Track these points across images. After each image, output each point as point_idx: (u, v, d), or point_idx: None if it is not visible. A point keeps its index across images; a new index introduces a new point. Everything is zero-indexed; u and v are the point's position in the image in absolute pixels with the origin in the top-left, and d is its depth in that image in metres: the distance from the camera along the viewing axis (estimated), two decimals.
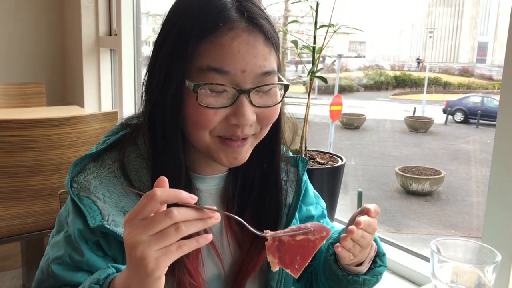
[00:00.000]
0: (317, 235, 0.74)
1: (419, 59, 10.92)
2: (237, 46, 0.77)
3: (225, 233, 0.93)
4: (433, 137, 8.91)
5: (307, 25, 2.23)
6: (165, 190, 0.63)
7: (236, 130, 0.80)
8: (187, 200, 0.63)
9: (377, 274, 0.94)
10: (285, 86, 0.85)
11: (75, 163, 0.84)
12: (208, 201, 0.92)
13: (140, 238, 0.62)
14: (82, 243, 0.81)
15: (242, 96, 0.78)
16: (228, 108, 0.79)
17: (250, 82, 0.79)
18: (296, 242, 0.74)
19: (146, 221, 0.63)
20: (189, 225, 0.63)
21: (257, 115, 0.81)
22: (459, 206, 6.83)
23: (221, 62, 0.77)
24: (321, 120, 7.14)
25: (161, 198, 0.62)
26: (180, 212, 0.63)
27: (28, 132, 1.84)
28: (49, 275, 0.83)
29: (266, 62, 0.80)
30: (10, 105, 3.14)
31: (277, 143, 0.93)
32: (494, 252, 0.84)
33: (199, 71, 0.78)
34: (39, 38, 3.77)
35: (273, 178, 0.94)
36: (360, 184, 7.42)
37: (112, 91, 3.62)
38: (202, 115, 0.78)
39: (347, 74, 10.63)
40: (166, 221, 0.62)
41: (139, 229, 0.62)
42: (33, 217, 1.96)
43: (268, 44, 0.81)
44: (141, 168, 0.86)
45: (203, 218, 0.65)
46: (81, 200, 0.80)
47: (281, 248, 0.74)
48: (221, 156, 0.83)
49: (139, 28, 3.32)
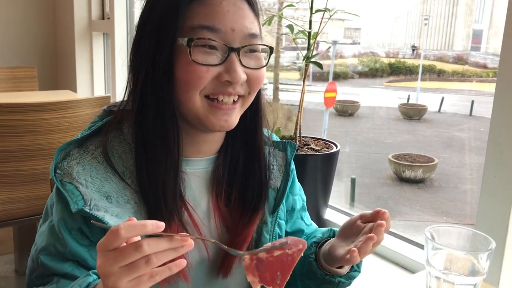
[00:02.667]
0: (294, 248, 0.74)
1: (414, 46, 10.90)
2: (226, 6, 0.81)
3: (213, 216, 0.93)
4: (426, 125, 8.93)
5: (302, 11, 2.21)
6: (130, 226, 0.62)
7: (227, 87, 0.82)
8: (154, 231, 0.62)
9: (351, 278, 0.97)
10: (270, 49, 0.88)
11: (60, 149, 0.85)
12: (195, 184, 0.92)
13: (111, 269, 0.62)
14: (65, 233, 0.81)
15: (232, 54, 0.81)
16: (219, 66, 0.81)
17: (239, 41, 0.82)
18: (274, 258, 0.74)
19: (116, 253, 0.62)
20: (160, 256, 0.63)
21: (247, 75, 0.84)
22: (451, 193, 6.87)
23: (212, 20, 0.80)
24: (315, 107, 7.13)
25: (125, 235, 0.61)
26: (150, 244, 0.62)
27: (19, 117, 1.82)
28: (39, 265, 0.84)
29: (253, 25, 0.84)
30: (1, 89, 3.10)
31: (259, 123, 0.95)
32: (488, 239, 0.84)
33: (191, 30, 0.81)
34: (31, 21, 3.72)
35: (257, 159, 0.95)
36: (354, 171, 7.44)
37: (105, 75, 3.59)
38: (195, 72, 0.80)
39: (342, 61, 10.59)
40: (136, 255, 0.61)
41: (110, 260, 0.62)
42: (25, 202, 1.95)
43: (252, 10, 0.85)
44: (124, 152, 0.86)
45: (175, 248, 0.64)
46: (63, 186, 0.80)
47: (260, 266, 0.73)
48: (212, 119, 0.84)
49: (133, 12, 3.28)
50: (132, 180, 0.84)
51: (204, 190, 0.93)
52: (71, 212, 0.79)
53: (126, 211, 0.81)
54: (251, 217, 0.93)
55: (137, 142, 0.86)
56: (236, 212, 0.94)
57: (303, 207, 1.10)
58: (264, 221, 0.96)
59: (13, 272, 2.53)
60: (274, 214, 0.97)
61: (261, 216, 0.96)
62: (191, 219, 0.89)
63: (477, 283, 0.82)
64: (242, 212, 0.93)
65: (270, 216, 0.97)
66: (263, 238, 0.96)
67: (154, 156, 0.84)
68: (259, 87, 0.88)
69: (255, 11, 0.86)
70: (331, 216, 2.00)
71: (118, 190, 0.83)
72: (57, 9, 3.74)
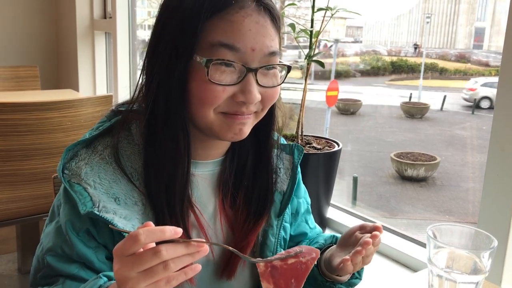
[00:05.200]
0: (308, 256, 0.76)
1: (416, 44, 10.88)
2: (248, 24, 0.78)
3: (219, 218, 0.93)
4: (428, 123, 8.92)
5: (304, 9, 2.21)
6: (149, 232, 0.62)
7: (241, 107, 0.81)
8: (172, 237, 0.63)
9: (352, 285, 0.98)
10: (287, 68, 0.87)
11: (68, 149, 0.84)
12: (203, 186, 0.92)
13: (129, 274, 0.63)
14: (72, 235, 0.81)
15: (249, 74, 0.80)
16: (235, 86, 0.80)
17: (257, 61, 0.80)
18: (289, 266, 0.75)
19: (134, 258, 0.63)
20: (177, 262, 0.64)
21: (261, 94, 0.82)
22: (453, 192, 6.86)
23: (232, 38, 0.78)
24: (317, 105, 7.13)
25: (145, 241, 0.62)
26: (169, 250, 0.63)
27: (21, 116, 1.83)
28: (44, 265, 0.83)
29: (273, 43, 0.82)
30: (4, 88, 3.11)
31: (271, 128, 0.95)
32: (490, 237, 0.83)
33: (209, 47, 0.78)
34: (33, 21, 3.72)
35: (265, 163, 0.95)
36: (356, 169, 7.43)
37: (107, 74, 3.59)
38: (210, 91, 0.79)
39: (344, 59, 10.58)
40: (154, 260, 0.62)
41: (128, 266, 0.63)
42: (28, 201, 1.96)
43: (274, 26, 0.83)
44: (133, 153, 0.86)
45: (191, 253, 0.65)
46: (72, 187, 0.80)
47: (275, 273, 0.75)
48: (226, 130, 0.83)
49: (134, 11, 3.28)
50: (140, 182, 0.84)
51: (211, 192, 0.93)
52: (79, 214, 0.78)
53: (134, 213, 0.81)
54: (257, 220, 0.93)
55: (146, 145, 0.85)
56: (241, 215, 0.94)
57: (308, 210, 1.10)
58: (270, 224, 0.96)
59: (16, 270, 2.53)
60: (280, 218, 0.97)
61: (266, 219, 0.96)
62: (197, 221, 0.88)
63: (479, 281, 0.82)
64: (248, 215, 0.93)
65: (275, 219, 0.97)
66: (268, 241, 0.96)
67: (164, 160, 0.83)
68: (272, 103, 0.87)
69: (277, 27, 0.84)
70: (333, 215, 2.00)
71: (126, 191, 0.82)
72: (59, 8, 3.74)
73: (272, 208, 0.96)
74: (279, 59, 0.85)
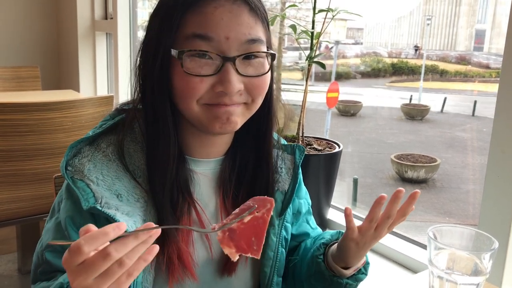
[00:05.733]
0: (263, 209, 0.73)
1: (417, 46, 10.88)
2: (219, 14, 0.79)
3: (220, 217, 0.93)
4: (429, 125, 8.92)
5: (305, 11, 2.22)
6: (91, 239, 0.59)
7: (223, 97, 0.81)
8: (116, 235, 0.60)
9: (358, 280, 0.97)
10: (271, 55, 0.86)
11: (71, 146, 0.84)
12: (204, 183, 0.92)
13: (86, 283, 0.60)
14: (71, 231, 0.81)
15: (227, 64, 0.80)
16: (214, 77, 0.80)
17: (235, 49, 0.80)
18: (246, 225, 0.72)
19: (86, 266, 0.59)
20: (131, 255, 0.61)
21: (245, 85, 0.82)
22: (454, 193, 6.86)
23: (204, 28, 0.79)
24: (318, 107, 7.13)
25: (89, 250, 0.59)
26: (118, 249, 0.60)
27: (22, 116, 1.83)
28: (43, 261, 0.84)
29: (252, 30, 0.81)
30: (5, 88, 3.11)
31: (271, 127, 0.94)
32: (491, 239, 0.84)
33: (185, 40, 0.80)
34: (34, 21, 3.73)
35: (266, 162, 0.95)
36: (356, 171, 7.43)
37: (108, 75, 3.60)
38: (188, 83, 0.79)
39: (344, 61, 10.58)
40: (106, 263, 0.59)
41: (82, 275, 0.60)
42: (28, 201, 1.96)
43: (254, 15, 0.82)
44: (135, 151, 0.87)
45: (143, 241, 0.62)
46: (75, 183, 0.80)
47: (234, 236, 0.71)
48: (212, 121, 0.83)
49: (135, 12, 3.29)
50: (143, 179, 0.85)
51: (212, 191, 0.94)
52: (80, 210, 0.79)
53: (136, 210, 0.82)
54: None
55: (147, 141, 0.87)
56: None
57: (309, 211, 1.10)
58: (271, 224, 0.96)
59: (16, 271, 2.53)
60: (281, 217, 0.98)
61: None
62: (199, 218, 0.89)
63: (479, 282, 0.82)
64: None
65: (277, 219, 0.97)
66: (270, 241, 0.96)
67: (159, 157, 0.84)
68: (262, 94, 0.86)
69: (258, 15, 0.83)
70: (334, 216, 2.00)
71: (129, 188, 0.83)
72: (61, 9, 3.75)
73: (274, 208, 0.97)
74: (265, 48, 0.84)
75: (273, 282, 0.97)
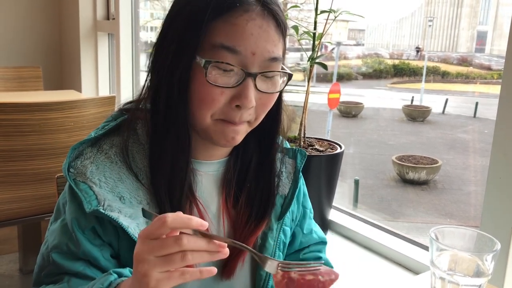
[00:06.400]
0: (327, 277, 0.74)
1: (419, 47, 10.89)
2: (250, 28, 0.78)
3: (222, 218, 0.93)
4: (430, 126, 8.92)
5: (307, 12, 2.22)
6: (176, 217, 0.63)
7: (236, 113, 0.81)
8: (198, 227, 0.64)
9: None
10: (288, 76, 0.86)
11: (73, 147, 0.84)
12: (206, 183, 0.92)
13: (147, 256, 0.63)
14: (78, 233, 0.81)
15: (248, 79, 0.79)
16: (233, 89, 0.79)
17: (257, 65, 0.80)
18: (306, 282, 0.72)
19: (156, 242, 0.64)
20: (196, 256, 0.64)
21: (256, 100, 0.82)
22: (455, 195, 6.86)
23: (233, 41, 0.78)
24: (319, 108, 7.13)
25: (171, 224, 0.63)
26: (190, 241, 0.63)
27: (24, 116, 1.83)
28: (49, 262, 0.83)
29: (275, 48, 0.81)
30: (7, 88, 3.11)
31: (276, 131, 0.94)
32: (493, 240, 0.83)
33: (211, 49, 0.78)
34: (36, 21, 3.73)
35: (268, 166, 0.95)
36: (357, 172, 7.44)
37: (110, 75, 3.60)
38: (209, 93, 0.79)
39: (346, 62, 10.59)
40: (174, 247, 0.63)
41: (149, 248, 0.63)
42: (30, 201, 1.96)
43: (279, 32, 0.82)
44: (138, 152, 0.86)
45: (211, 251, 0.65)
46: (77, 185, 0.80)
47: (290, 285, 0.72)
48: (219, 136, 0.83)
49: (138, 13, 3.29)
50: (146, 181, 0.85)
51: (215, 191, 0.94)
52: (84, 212, 0.78)
53: (139, 212, 0.81)
54: (258, 222, 0.94)
55: (151, 143, 0.86)
56: (243, 216, 0.94)
57: (304, 215, 1.10)
58: (270, 227, 0.96)
59: (17, 271, 2.53)
60: (280, 221, 0.97)
61: (267, 222, 0.96)
62: (201, 218, 0.89)
63: (481, 284, 0.82)
64: (249, 217, 0.93)
65: (276, 223, 0.97)
66: (267, 244, 0.96)
67: (165, 158, 0.84)
68: (266, 111, 0.86)
69: (281, 31, 0.83)
70: (335, 217, 2.00)
71: (132, 190, 0.83)
72: (63, 9, 3.75)
73: (273, 211, 0.97)
74: (282, 66, 0.84)
75: (268, 285, 0.97)
